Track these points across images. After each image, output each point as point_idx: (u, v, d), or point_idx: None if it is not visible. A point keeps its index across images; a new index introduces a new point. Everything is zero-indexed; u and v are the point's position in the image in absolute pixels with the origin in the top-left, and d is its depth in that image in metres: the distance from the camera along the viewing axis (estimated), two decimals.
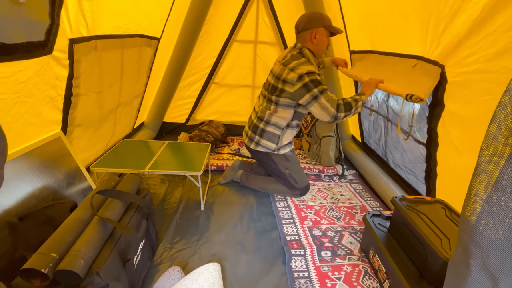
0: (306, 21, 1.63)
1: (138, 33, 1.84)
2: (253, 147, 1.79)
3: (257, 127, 1.76)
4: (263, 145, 1.76)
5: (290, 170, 1.80)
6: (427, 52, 1.28)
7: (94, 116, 1.65)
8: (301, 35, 1.66)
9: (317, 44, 1.65)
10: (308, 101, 1.56)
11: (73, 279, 0.78)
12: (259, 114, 1.76)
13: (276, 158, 1.78)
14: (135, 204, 1.17)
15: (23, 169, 1.12)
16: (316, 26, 1.61)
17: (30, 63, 1.04)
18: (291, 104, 1.65)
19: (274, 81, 1.67)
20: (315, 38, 1.63)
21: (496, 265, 0.55)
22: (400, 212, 1.16)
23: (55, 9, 1.06)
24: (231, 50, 2.75)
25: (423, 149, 1.48)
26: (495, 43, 0.93)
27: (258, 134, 1.76)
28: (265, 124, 1.73)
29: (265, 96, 1.75)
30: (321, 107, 1.55)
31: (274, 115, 1.70)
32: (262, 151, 1.78)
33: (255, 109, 1.83)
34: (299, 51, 1.66)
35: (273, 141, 1.74)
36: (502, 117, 0.52)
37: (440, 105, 1.27)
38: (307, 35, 1.64)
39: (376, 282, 1.21)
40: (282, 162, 1.79)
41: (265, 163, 1.84)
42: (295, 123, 1.74)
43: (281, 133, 1.73)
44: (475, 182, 0.57)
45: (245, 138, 1.87)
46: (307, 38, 1.64)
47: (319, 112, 1.57)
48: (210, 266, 1.09)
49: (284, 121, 1.70)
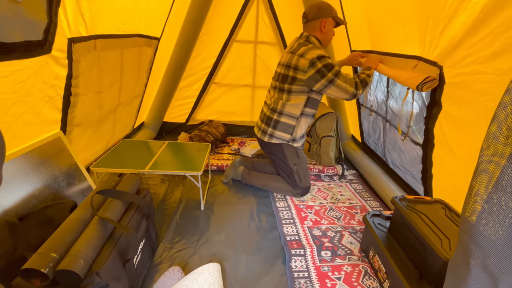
0: (316, 10, 1.66)
1: (138, 33, 1.84)
2: (267, 139, 1.79)
3: (270, 118, 1.76)
4: (277, 136, 1.76)
5: (298, 167, 1.80)
6: (427, 53, 1.28)
7: (94, 116, 1.65)
8: (311, 24, 1.68)
9: (326, 33, 1.69)
10: (324, 85, 1.56)
11: (73, 279, 0.78)
12: (272, 106, 1.76)
13: (287, 151, 1.78)
14: (135, 204, 1.17)
15: (23, 169, 1.11)
16: (326, 16, 1.65)
17: (28, 63, 1.03)
18: (304, 90, 1.65)
19: (284, 70, 1.68)
20: (324, 28, 1.66)
21: (496, 265, 0.55)
22: (400, 212, 1.16)
23: (52, 7, 1.05)
24: (231, 50, 2.75)
25: (420, 150, 1.48)
26: (491, 44, 0.94)
27: (272, 126, 1.76)
28: (279, 115, 1.73)
29: (276, 87, 1.75)
30: (339, 88, 1.56)
31: (287, 104, 1.69)
32: (276, 143, 1.77)
33: (267, 103, 1.83)
34: (306, 39, 1.68)
35: (287, 131, 1.74)
36: (502, 117, 0.52)
37: (438, 105, 1.27)
38: (316, 24, 1.66)
39: (376, 282, 1.21)
40: (292, 157, 1.79)
41: (275, 157, 1.84)
42: (310, 112, 1.74)
43: (296, 123, 1.73)
44: (476, 182, 0.57)
45: (258, 131, 1.86)
46: (316, 27, 1.67)
47: (337, 94, 1.59)
48: (210, 266, 1.09)
49: (297, 109, 1.70)
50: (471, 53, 1.03)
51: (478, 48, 0.99)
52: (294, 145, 1.77)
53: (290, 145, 1.78)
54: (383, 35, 1.66)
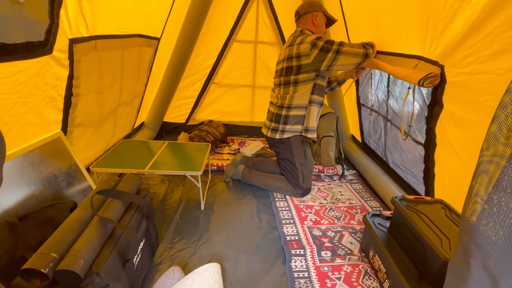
0: (307, 5, 1.75)
1: (138, 33, 1.84)
2: (278, 136, 1.78)
3: (279, 115, 1.76)
4: (289, 130, 1.76)
5: (304, 168, 1.81)
6: (427, 52, 1.28)
7: (94, 116, 1.65)
8: (303, 18, 1.75)
9: (318, 26, 1.74)
10: (332, 58, 1.56)
11: (73, 279, 0.78)
12: (279, 103, 1.76)
13: (296, 148, 1.78)
14: (135, 204, 1.17)
15: (23, 169, 1.11)
16: (317, 10, 1.74)
17: (30, 63, 1.04)
18: (311, 78, 1.66)
19: (286, 63, 1.69)
20: (316, 20, 1.73)
21: (496, 266, 0.55)
22: (400, 212, 1.16)
23: (54, 8, 1.06)
24: (231, 50, 2.75)
25: (422, 149, 1.48)
26: (492, 44, 0.94)
27: (282, 122, 1.76)
28: (287, 110, 1.74)
29: (281, 83, 1.76)
30: (348, 55, 1.55)
31: (294, 96, 1.70)
32: (287, 140, 1.78)
33: (273, 102, 1.84)
34: (300, 32, 1.71)
35: (299, 123, 1.75)
36: (503, 117, 0.52)
37: (439, 105, 1.27)
38: (308, 18, 1.74)
39: (376, 282, 1.21)
40: (300, 156, 1.79)
41: (282, 155, 1.83)
42: (317, 99, 1.73)
43: (306, 112, 1.73)
44: (476, 182, 0.57)
45: (267, 131, 1.85)
46: (308, 21, 1.73)
47: (348, 61, 1.57)
48: (210, 266, 1.09)
49: (305, 98, 1.70)
50: (472, 52, 1.03)
51: (479, 47, 0.99)
52: (308, 135, 1.77)
53: (300, 144, 1.77)
54: (384, 35, 1.66)
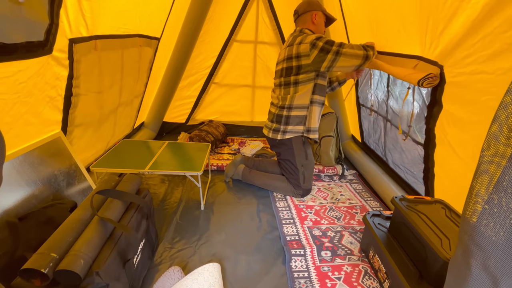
0: (306, 4, 1.74)
1: (138, 33, 1.84)
2: (280, 137, 1.78)
3: (280, 116, 1.76)
4: (291, 130, 1.75)
5: (305, 169, 1.81)
6: (427, 53, 1.28)
7: (94, 116, 1.65)
8: (302, 17, 1.74)
9: (317, 25, 1.74)
10: (331, 60, 1.56)
11: (73, 279, 0.78)
12: (280, 104, 1.76)
13: (297, 149, 1.78)
14: (135, 204, 1.17)
15: (23, 169, 1.11)
16: (316, 9, 1.73)
17: (30, 63, 1.03)
18: (311, 78, 1.66)
19: (286, 63, 1.69)
20: (315, 19, 1.72)
21: (497, 266, 0.55)
22: (400, 212, 1.16)
23: (54, 8, 1.05)
24: (231, 50, 2.75)
25: (421, 149, 1.48)
26: (491, 44, 0.94)
27: (284, 122, 1.76)
28: (288, 110, 1.73)
29: (281, 83, 1.75)
30: (348, 56, 1.55)
31: (295, 96, 1.70)
32: (288, 140, 1.77)
33: (273, 102, 1.83)
34: (299, 32, 1.71)
35: (300, 123, 1.74)
36: (503, 117, 0.52)
37: (438, 105, 1.27)
38: (307, 17, 1.73)
39: (376, 282, 1.21)
40: (301, 157, 1.79)
41: (284, 155, 1.83)
42: (318, 99, 1.73)
43: (307, 112, 1.73)
44: (476, 182, 0.57)
45: (268, 132, 1.84)
46: (307, 19, 1.73)
47: (348, 63, 1.57)
48: (210, 266, 1.09)
49: (306, 98, 1.70)
50: (472, 52, 1.03)
51: (478, 47, 0.99)
52: (310, 136, 1.77)
53: (301, 145, 1.77)
54: (383, 35, 1.66)
